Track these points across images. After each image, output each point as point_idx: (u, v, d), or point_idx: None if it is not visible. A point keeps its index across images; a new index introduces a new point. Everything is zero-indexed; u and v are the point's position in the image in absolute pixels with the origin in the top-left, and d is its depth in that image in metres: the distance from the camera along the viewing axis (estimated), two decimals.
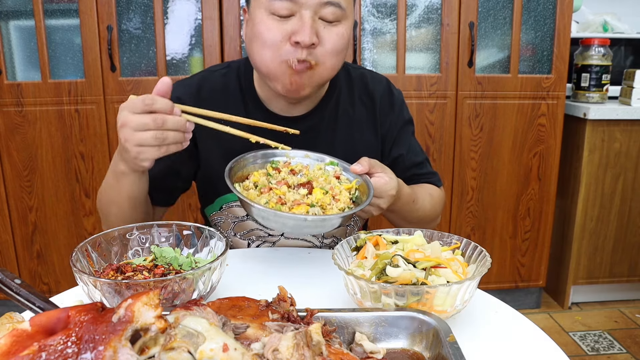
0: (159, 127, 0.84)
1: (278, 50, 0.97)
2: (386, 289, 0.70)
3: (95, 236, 0.85)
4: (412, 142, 1.24)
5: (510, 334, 0.76)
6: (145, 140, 0.84)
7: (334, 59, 1.01)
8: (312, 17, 0.95)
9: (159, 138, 0.85)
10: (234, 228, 1.18)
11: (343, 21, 1.00)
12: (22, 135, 2.11)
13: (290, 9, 0.95)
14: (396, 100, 1.21)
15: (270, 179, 0.97)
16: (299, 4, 0.95)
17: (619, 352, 2.18)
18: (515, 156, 2.32)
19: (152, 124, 0.84)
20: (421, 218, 1.15)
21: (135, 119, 0.84)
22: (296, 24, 0.96)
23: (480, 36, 2.19)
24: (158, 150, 0.86)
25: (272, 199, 0.91)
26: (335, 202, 0.93)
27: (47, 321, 0.49)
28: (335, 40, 0.99)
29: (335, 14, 0.97)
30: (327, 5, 0.96)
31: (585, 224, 2.41)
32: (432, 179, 1.26)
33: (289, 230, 0.90)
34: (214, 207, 1.18)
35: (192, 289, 0.76)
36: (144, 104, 0.84)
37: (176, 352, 0.49)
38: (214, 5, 2.07)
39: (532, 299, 2.55)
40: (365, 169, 0.97)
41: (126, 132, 0.85)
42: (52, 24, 2.06)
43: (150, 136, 0.84)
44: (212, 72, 1.18)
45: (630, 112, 2.28)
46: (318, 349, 0.55)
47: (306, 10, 0.95)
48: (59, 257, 2.26)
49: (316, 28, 0.97)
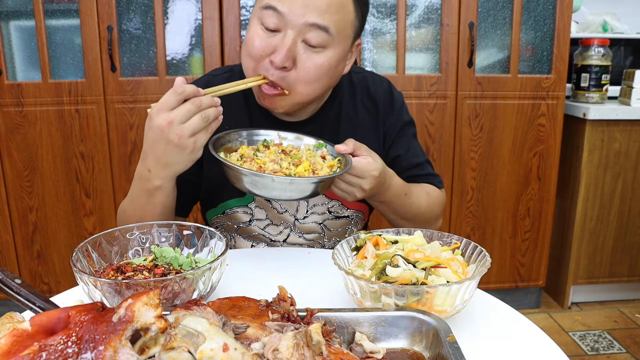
0: (200, 109, 0.86)
1: (258, 63, 0.98)
2: (386, 289, 0.71)
3: (95, 236, 0.86)
4: (412, 143, 1.23)
5: (510, 334, 0.76)
6: (197, 126, 0.86)
7: (309, 87, 0.99)
8: (294, 38, 0.94)
9: (205, 118, 0.86)
10: (238, 230, 1.18)
11: (329, 48, 0.97)
12: (23, 136, 2.11)
13: (277, 25, 0.95)
14: (396, 101, 1.21)
15: (257, 153, 0.99)
16: (286, 21, 0.94)
17: (618, 352, 2.18)
18: (515, 156, 2.32)
19: (194, 108, 0.85)
20: (415, 214, 1.14)
21: (178, 112, 0.85)
22: (278, 42, 0.95)
23: (480, 36, 2.19)
24: (206, 132, 0.88)
25: (252, 167, 0.93)
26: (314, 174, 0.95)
27: (48, 321, 0.49)
28: (311, 69, 0.97)
29: (320, 39, 0.95)
30: (313, 28, 0.94)
31: (585, 224, 2.41)
32: (433, 181, 1.24)
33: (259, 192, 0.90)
34: (216, 211, 1.18)
35: (192, 289, 0.76)
36: (177, 95, 0.85)
37: (176, 352, 0.49)
38: (214, 6, 2.07)
39: (532, 299, 2.55)
40: (349, 149, 0.98)
41: (176, 128, 0.85)
42: (52, 24, 2.06)
43: (198, 119, 0.86)
44: (214, 76, 1.18)
45: (630, 112, 2.28)
46: (318, 349, 0.55)
47: (291, 29, 0.94)
48: (59, 257, 2.26)
49: (295, 52, 0.95)
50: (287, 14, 0.93)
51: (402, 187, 1.09)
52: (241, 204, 1.15)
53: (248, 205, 1.14)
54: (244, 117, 1.14)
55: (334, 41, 0.97)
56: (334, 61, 0.99)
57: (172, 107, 0.85)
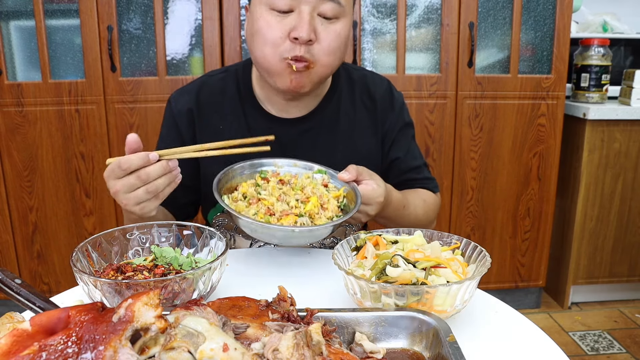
0: (145, 182, 0.86)
1: (278, 47, 0.98)
2: (386, 289, 0.70)
3: (95, 236, 0.86)
4: (411, 145, 1.23)
5: (510, 334, 0.76)
6: (141, 197, 0.87)
7: (331, 57, 1.01)
8: (310, 12, 0.96)
9: (151, 191, 0.87)
10: (238, 228, 1.18)
11: (342, 18, 1.00)
12: (23, 136, 2.11)
13: (289, 5, 0.96)
14: (396, 101, 1.21)
15: (260, 190, 0.97)
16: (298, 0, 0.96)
17: (618, 352, 2.18)
18: (515, 156, 2.32)
19: (139, 182, 0.86)
20: (413, 223, 1.14)
21: (122, 183, 0.86)
22: (295, 20, 0.97)
23: (480, 36, 2.19)
24: (156, 199, 0.89)
25: (260, 210, 0.92)
26: (323, 210, 0.93)
27: (48, 321, 0.49)
28: (333, 38, 1.00)
29: (335, 10, 0.98)
30: (327, 1, 0.97)
31: (585, 224, 2.41)
32: (429, 185, 1.24)
33: (278, 242, 0.91)
34: (216, 209, 1.18)
35: (192, 289, 0.76)
36: (121, 170, 0.86)
37: (176, 352, 0.49)
38: (214, 6, 2.07)
39: (532, 298, 2.55)
40: (352, 176, 0.97)
41: (121, 197, 0.87)
42: (52, 24, 2.06)
43: (143, 192, 0.87)
44: (210, 76, 1.19)
45: (630, 112, 2.28)
46: (318, 349, 0.55)
47: (305, 5, 0.96)
48: (59, 257, 2.26)
49: (314, 25, 0.97)
50: None
51: (400, 201, 1.09)
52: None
53: None
54: (238, 115, 1.14)
55: (345, 9, 1.00)
56: (347, 28, 1.03)
57: (118, 177, 0.87)
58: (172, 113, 1.16)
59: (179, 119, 1.14)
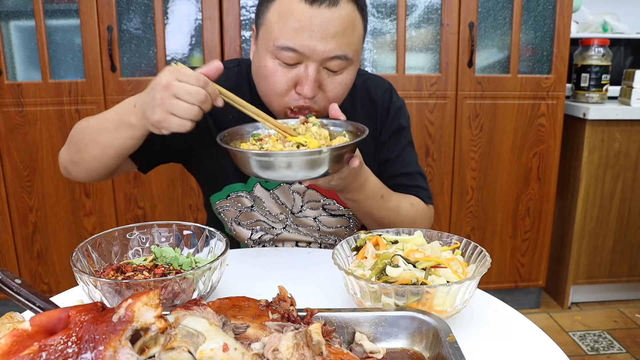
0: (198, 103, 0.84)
1: (282, 97, 0.99)
2: (386, 289, 0.71)
3: (95, 236, 0.86)
4: (406, 150, 1.19)
5: (510, 334, 0.76)
6: (179, 110, 0.83)
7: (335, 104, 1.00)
8: (317, 68, 0.96)
9: (190, 112, 0.84)
10: (239, 217, 1.18)
11: (348, 67, 1.00)
12: (23, 136, 2.11)
13: (296, 59, 0.95)
14: (393, 105, 1.18)
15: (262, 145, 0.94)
16: (306, 56, 0.95)
17: (618, 352, 2.18)
18: (515, 156, 2.32)
19: (196, 97, 0.83)
20: (393, 222, 1.07)
21: (183, 86, 0.83)
22: (301, 74, 0.96)
23: (480, 36, 2.19)
24: (183, 123, 0.85)
25: None
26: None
27: (48, 321, 0.49)
28: (338, 90, 1.00)
29: (341, 64, 0.98)
30: (334, 59, 0.96)
31: (585, 224, 2.41)
32: (420, 193, 1.17)
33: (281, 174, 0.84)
34: (221, 194, 1.17)
35: (192, 289, 0.76)
36: (197, 81, 0.83)
37: (176, 352, 0.49)
38: (214, 5, 2.07)
39: (532, 298, 2.55)
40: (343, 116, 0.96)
41: (165, 94, 0.83)
42: (52, 24, 2.06)
43: (186, 108, 0.84)
44: (227, 68, 1.17)
45: (630, 112, 2.28)
46: (318, 349, 0.55)
47: (312, 63, 0.95)
48: (59, 257, 2.26)
49: (320, 79, 0.97)
50: (307, 52, 0.94)
51: (379, 189, 1.05)
52: (245, 190, 1.15)
53: (252, 189, 1.15)
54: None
55: (353, 60, 1.00)
56: (353, 75, 1.03)
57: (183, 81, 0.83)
58: None
59: None
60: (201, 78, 0.85)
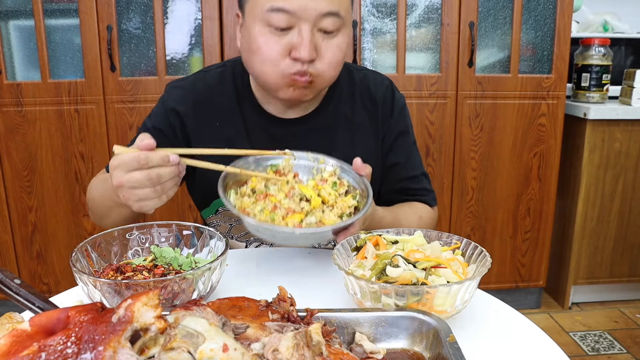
0: (155, 184, 0.82)
1: (278, 65, 0.96)
2: (386, 289, 0.70)
3: (95, 236, 0.85)
4: (412, 152, 1.19)
5: (510, 334, 0.76)
6: (146, 195, 0.83)
7: (333, 70, 1.00)
8: (311, 30, 0.94)
9: (157, 191, 0.83)
10: (232, 230, 1.17)
11: (342, 30, 0.99)
12: (22, 135, 2.11)
13: (288, 22, 0.93)
14: (397, 104, 1.17)
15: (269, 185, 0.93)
16: (298, 17, 0.93)
17: (619, 352, 2.18)
18: (515, 156, 2.31)
19: (149, 181, 0.81)
20: None
21: (129, 177, 0.81)
22: (295, 38, 0.94)
23: (480, 36, 2.19)
24: (159, 200, 0.85)
25: (267, 207, 0.88)
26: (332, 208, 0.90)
27: (47, 321, 0.49)
28: (334, 52, 0.98)
29: (335, 23, 0.96)
30: (327, 16, 0.94)
31: (585, 224, 2.41)
32: (426, 197, 1.19)
33: (280, 242, 0.89)
34: (209, 210, 1.17)
35: (192, 289, 0.76)
36: (137, 164, 0.80)
37: (176, 352, 0.49)
38: (214, 5, 2.07)
39: (532, 299, 2.55)
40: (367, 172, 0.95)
41: (124, 191, 0.82)
42: (51, 23, 2.06)
43: (150, 191, 0.82)
44: (206, 72, 1.16)
45: (631, 112, 2.28)
46: (318, 349, 0.55)
47: (305, 23, 0.93)
48: (59, 257, 2.26)
49: (315, 42, 0.95)
50: (298, 11, 0.92)
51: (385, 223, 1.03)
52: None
53: None
54: (235, 112, 1.12)
55: (345, 21, 0.98)
56: (348, 40, 1.01)
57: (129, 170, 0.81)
58: (164, 104, 1.13)
59: (170, 113, 1.11)
60: (141, 157, 0.80)
